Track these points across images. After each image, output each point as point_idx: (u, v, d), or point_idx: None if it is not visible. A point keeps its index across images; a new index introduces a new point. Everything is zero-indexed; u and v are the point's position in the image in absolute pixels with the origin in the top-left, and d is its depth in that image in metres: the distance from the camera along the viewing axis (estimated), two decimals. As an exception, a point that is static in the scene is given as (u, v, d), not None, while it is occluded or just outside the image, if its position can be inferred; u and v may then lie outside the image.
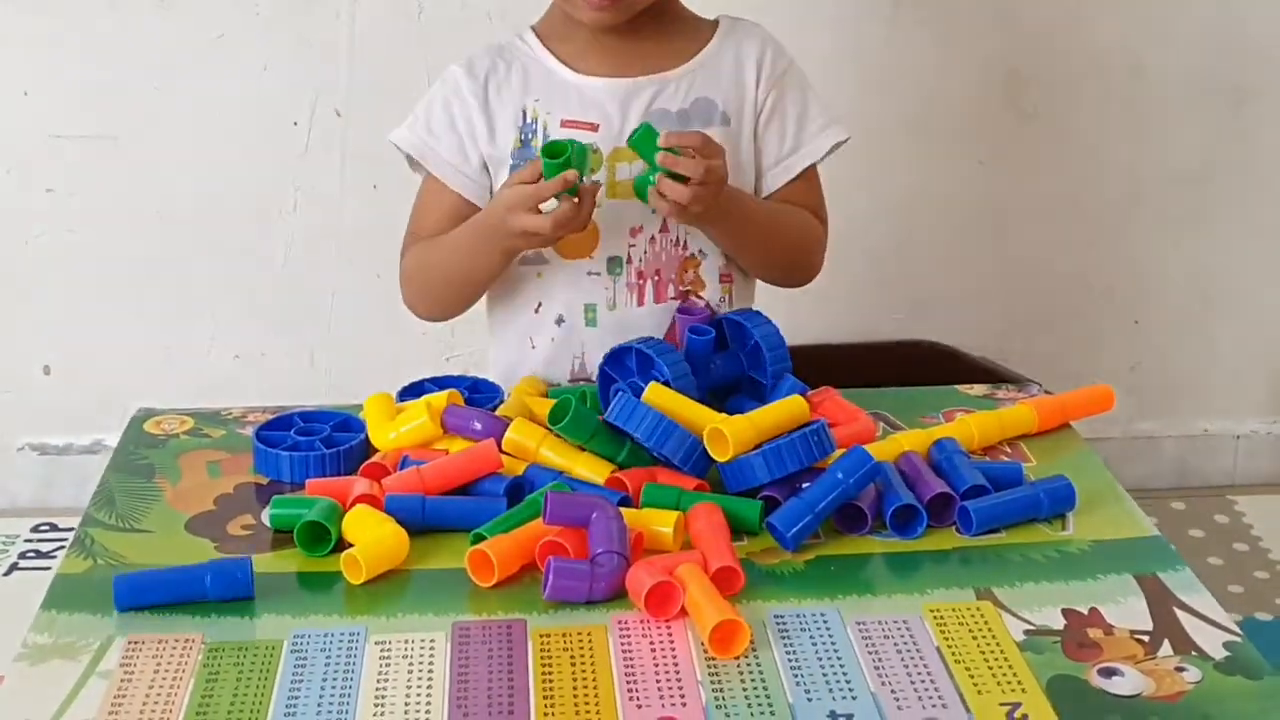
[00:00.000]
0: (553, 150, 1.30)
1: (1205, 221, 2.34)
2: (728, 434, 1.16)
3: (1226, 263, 2.37)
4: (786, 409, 1.21)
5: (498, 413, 1.29)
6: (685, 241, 1.44)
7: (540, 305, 1.45)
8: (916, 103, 2.23)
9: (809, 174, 1.49)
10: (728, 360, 1.33)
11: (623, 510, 1.11)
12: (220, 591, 1.06)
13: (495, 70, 1.44)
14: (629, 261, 1.43)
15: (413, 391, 1.34)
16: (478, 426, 1.24)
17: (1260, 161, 2.32)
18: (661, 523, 1.12)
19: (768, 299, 1.51)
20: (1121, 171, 2.30)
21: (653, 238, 1.43)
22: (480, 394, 1.35)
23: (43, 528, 2.24)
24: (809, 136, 1.47)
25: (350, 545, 1.11)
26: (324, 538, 1.12)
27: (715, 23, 1.49)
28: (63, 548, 2.01)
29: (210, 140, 2.15)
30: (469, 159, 1.44)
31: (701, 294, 1.45)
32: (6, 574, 2.13)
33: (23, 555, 2.17)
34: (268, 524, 1.17)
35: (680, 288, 1.44)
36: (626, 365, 1.29)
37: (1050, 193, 2.30)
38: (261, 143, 2.16)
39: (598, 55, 1.43)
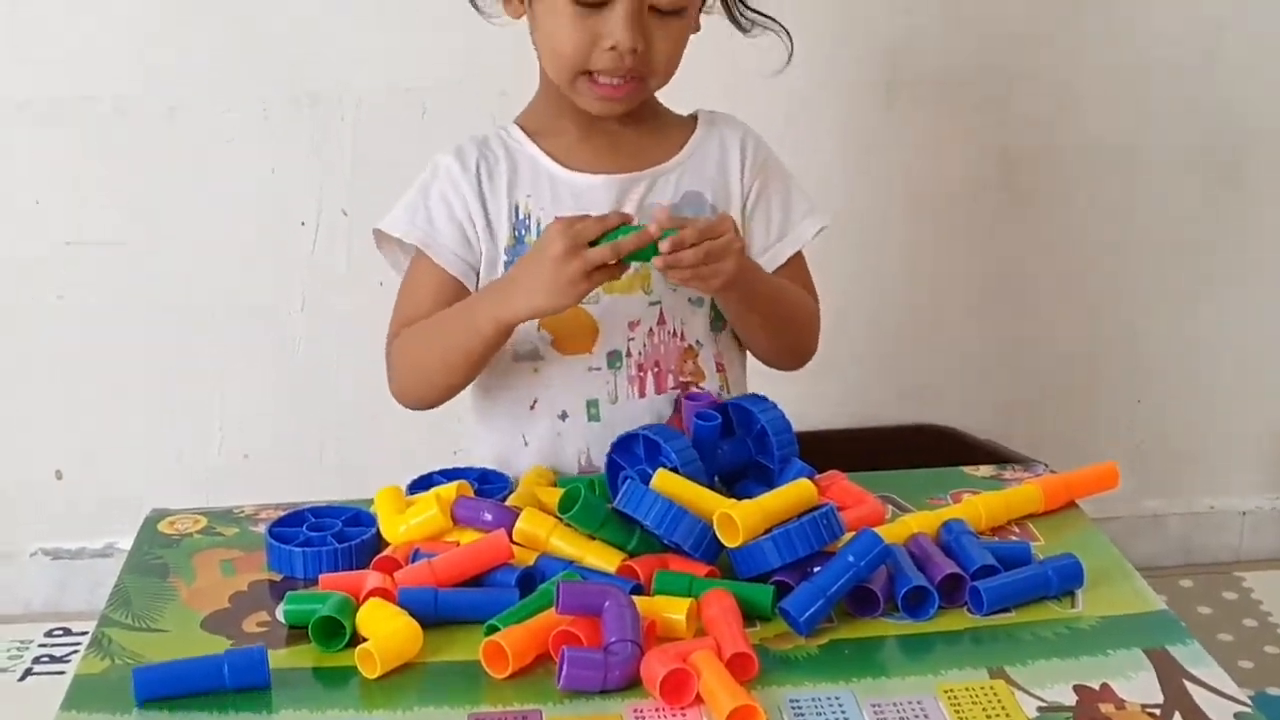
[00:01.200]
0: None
1: (1202, 298, 2.36)
2: (737, 519, 1.17)
3: (1225, 339, 2.39)
4: (795, 493, 1.22)
5: (507, 503, 1.30)
6: (682, 333, 1.45)
7: (536, 401, 1.45)
8: (912, 184, 2.26)
9: (796, 259, 1.51)
10: (735, 446, 1.34)
11: (635, 598, 1.11)
12: (238, 680, 1.07)
13: (484, 160, 1.44)
14: (629, 355, 1.43)
15: (422, 484, 1.35)
16: (488, 517, 1.25)
17: (1253, 237, 2.35)
18: (674, 610, 1.12)
19: (770, 385, 1.52)
20: (1116, 250, 2.33)
21: (651, 330, 1.44)
22: (490, 485, 1.36)
23: (57, 632, 2.24)
24: (794, 223, 1.50)
25: (364, 639, 1.11)
26: (338, 632, 1.13)
27: (694, 117, 1.51)
28: (77, 652, 2.03)
29: (219, 242, 2.18)
30: (472, 248, 1.44)
31: (701, 384, 1.46)
32: (21, 679, 2.13)
33: (37, 660, 2.17)
34: (282, 620, 1.17)
35: (680, 379, 1.45)
36: (634, 452, 1.30)
37: (1047, 272, 2.33)
38: (270, 243, 2.19)
39: (587, 152, 1.44)
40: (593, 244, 1.29)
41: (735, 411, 1.36)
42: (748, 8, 1.49)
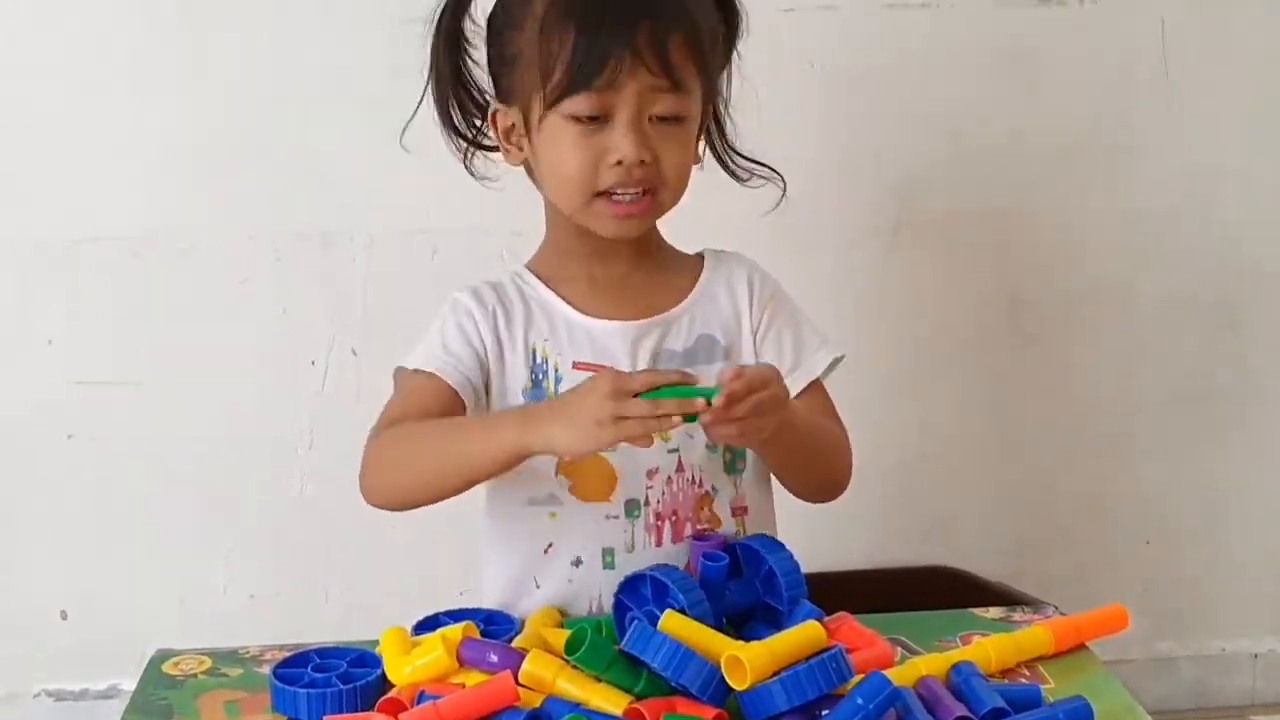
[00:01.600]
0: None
1: (1209, 441, 2.37)
2: (745, 661, 1.16)
3: (1233, 481, 2.38)
4: (803, 635, 1.21)
5: (513, 645, 1.29)
6: (700, 479, 1.45)
7: (550, 546, 1.44)
8: (920, 326, 2.28)
9: (815, 389, 1.51)
10: (743, 587, 1.34)
11: (641, 741, 1.11)
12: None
13: (501, 303, 1.45)
14: (647, 503, 1.43)
15: (428, 625, 1.35)
16: (494, 659, 1.24)
17: (1258, 380, 2.36)
18: (681, 753, 1.12)
19: (780, 526, 1.52)
20: (1122, 392, 2.33)
21: (669, 478, 1.44)
22: (495, 626, 1.36)
23: (55, 775, 2.22)
24: (807, 355, 1.51)
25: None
26: (343, 776, 1.12)
27: (700, 257, 1.53)
28: (75, 794, 1.99)
29: (230, 382, 2.19)
30: (483, 371, 1.43)
31: (718, 530, 1.46)
32: (18, 823, 2.10)
33: (35, 803, 2.15)
34: (287, 762, 1.16)
35: (697, 525, 1.45)
36: (641, 593, 1.29)
37: (1054, 414, 2.33)
38: (280, 383, 2.20)
39: (600, 297, 1.46)
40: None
41: (744, 552, 1.36)
42: (739, 155, 1.51)
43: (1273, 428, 2.38)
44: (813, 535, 1.48)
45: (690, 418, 1.26)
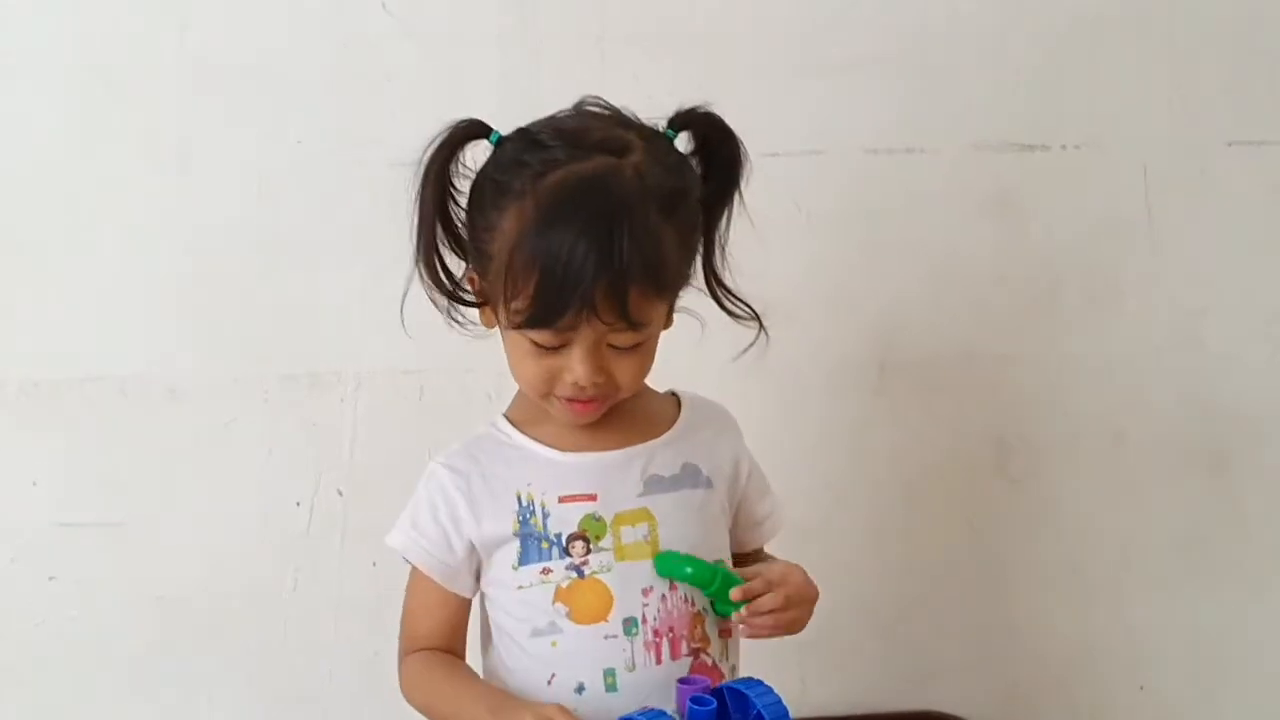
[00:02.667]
0: None
1: (1200, 585, 2.35)
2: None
3: (1227, 626, 2.36)
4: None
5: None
6: (692, 599, 1.46)
7: (554, 676, 1.44)
8: (906, 468, 2.27)
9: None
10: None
11: None
12: None
13: (477, 463, 1.48)
14: (644, 620, 1.44)
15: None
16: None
17: (1247, 525, 2.35)
18: None
19: (770, 669, 1.50)
20: (1111, 536, 2.32)
21: (663, 596, 1.45)
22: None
23: None
24: (777, 511, 1.61)
25: None
26: None
27: (674, 394, 1.57)
28: None
29: (214, 524, 2.17)
30: (454, 550, 1.48)
31: (708, 650, 1.46)
32: None
33: None
34: None
35: (692, 644, 1.45)
36: None
37: (1044, 558, 2.32)
38: (264, 524, 2.18)
39: (575, 436, 1.49)
40: None
41: (731, 696, 1.35)
42: (734, 297, 1.53)
43: (1265, 571, 2.37)
44: (804, 679, 1.46)
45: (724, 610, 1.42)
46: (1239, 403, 2.33)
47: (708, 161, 1.49)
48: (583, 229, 1.33)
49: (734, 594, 1.40)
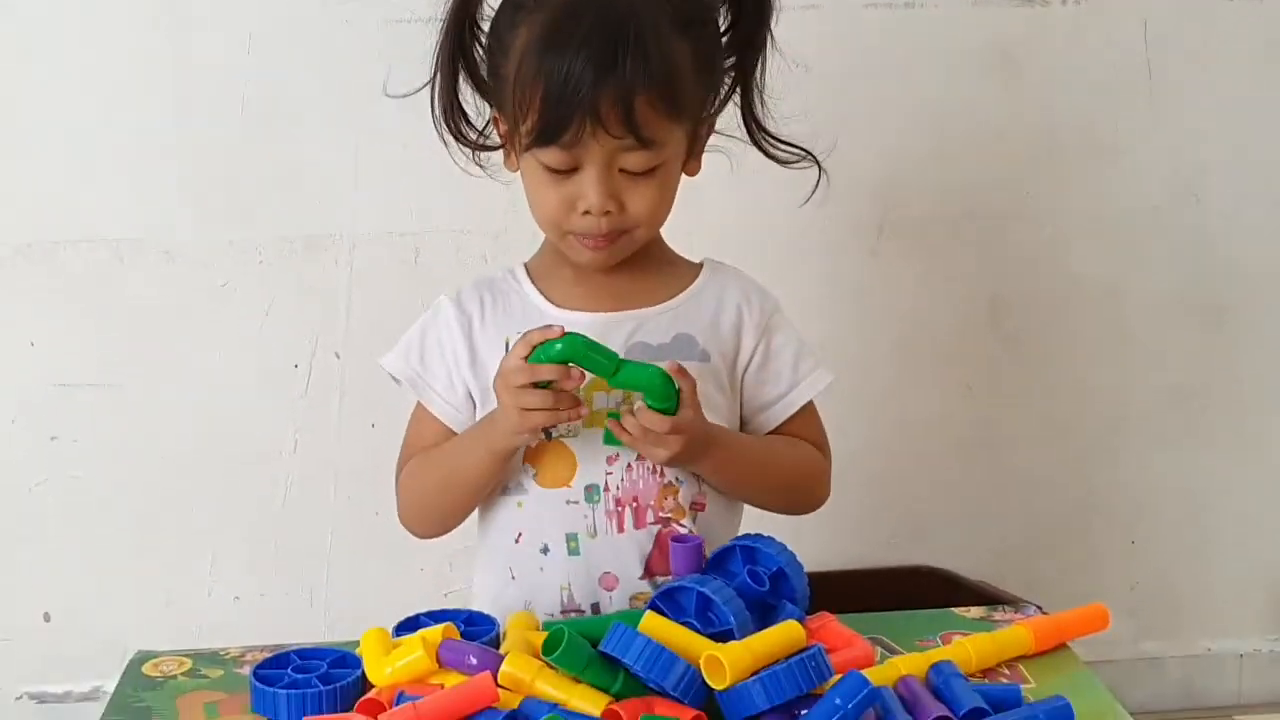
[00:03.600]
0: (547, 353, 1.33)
1: (1196, 439, 2.37)
2: (725, 661, 1.16)
3: (1220, 480, 2.39)
4: (783, 635, 1.21)
5: (497, 649, 1.29)
6: (662, 470, 1.45)
7: (521, 535, 1.46)
8: (902, 329, 2.28)
9: (807, 408, 1.53)
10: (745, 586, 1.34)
11: (620, 742, 1.10)
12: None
13: (482, 304, 1.48)
14: (606, 489, 1.44)
15: (409, 626, 1.34)
16: (473, 661, 1.24)
17: (1245, 378, 2.36)
18: (660, 754, 1.11)
19: (762, 523, 1.52)
20: (1108, 392, 2.34)
21: (629, 465, 1.44)
22: (476, 627, 1.35)
23: (38, 778, 2.21)
24: (804, 374, 1.52)
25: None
26: (321, 777, 1.12)
27: (700, 265, 1.53)
28: (58, 798, 1.99)
29: (212, 386, 2.19)
30: (454, 388, 1.48)
31: (682, 521, 1.46)
32: (1, 827, 2.10)
33: (17, 808, 2.14)
34: (264, 764, 1.16)
35: (660, 514, 1.45)
36: (680, 603, 1.29)
37: (1039, 415, 2.33)
38: (262, 386, 2.20)
39: (581, 292, 1.47)
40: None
41: (742, 554, 1.36)
42: (779, 141, 1.51)
43: (1260, 427, 2.39)
44: (798, 536, 1.47)
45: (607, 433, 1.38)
46: (1237, 259, 2.33)
47: (736, 4, 1.46)
48: (587, 36, 1.31)
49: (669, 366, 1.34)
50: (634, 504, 1.44)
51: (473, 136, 1.48)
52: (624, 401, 1.41)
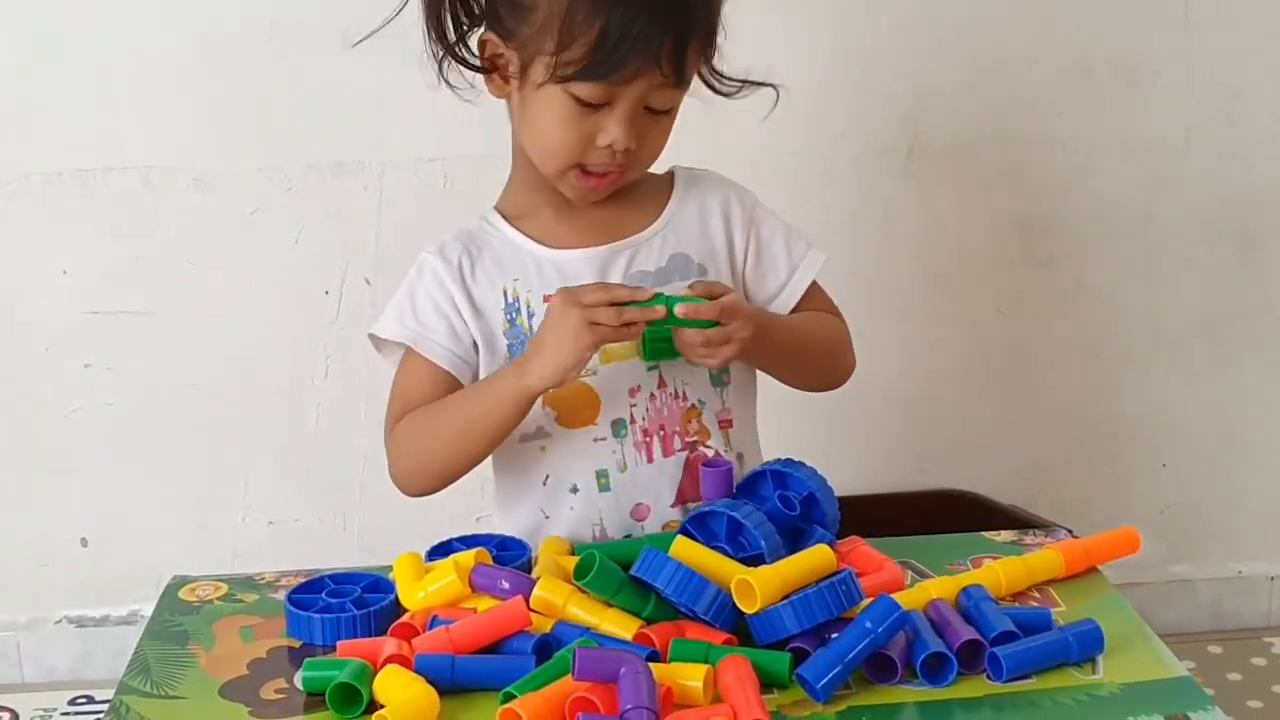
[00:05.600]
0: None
1: (1226, 363, 2.36)
2: (755, 586, 1.17)
3: (1250, 403, 2.38)
4: (813, 559, 1.22)
5: (529, 573, 1.30)
6: (684, 393, 1.45)
7: (548, 478, 1.45)
8: (933, 253, 2.27)
9: (812, 288, 1.53)
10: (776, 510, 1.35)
11: (652, 665, 1.11)
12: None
13: (468, 255, 1.45)
14: (632, 422, 1.44)
15: (441, 551, 1.36)
16: (505, 585, 1.25)
17: (1274, 305, 2.35)
18: (691, 677, 1.12)
19: (791, 447, 1.52)
20: (1138, 316, 2.33)
21: (652, 395, 1.44)
22: (508, 552, 1.36)
23: (80, 700, 2.25)
24: (799, 258, 1.51)
25: (381, 706, 1.11)
26: (356, 699, 1.13)
27: (669, 175, 1.51)
28: (100, 719, 2.02)
29: (244, 311, 2.20)
30: (461, 340, 1.44)
31: (707, 443, 1.46)
32: (43, 748, 2.14)
33: (59, 728, 2.18)
34: (300, 687, 1.17)
35: (686, 439, 1.45)
36: (712, 529, 1.30)
37: (1070, 339, 2.33)
38: (293, 312, 2.21)
39: (565, 229, 1.45)
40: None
41: (773, 478, 1.37)
42: (724, 77, 1.45)
43: (1292, 351, 2.38)
44: (827, 460, 1.47)
45: (664, 346, 1.36)
46: (1269, 183, 2.30)
47: None
48: None
49: (679, 310, 1.33)
50: (661, 432, 1.45)
51: (446, 54, 1.41)
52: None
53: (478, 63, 1.41)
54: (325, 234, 2.19)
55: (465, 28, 1.42)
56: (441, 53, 1.41)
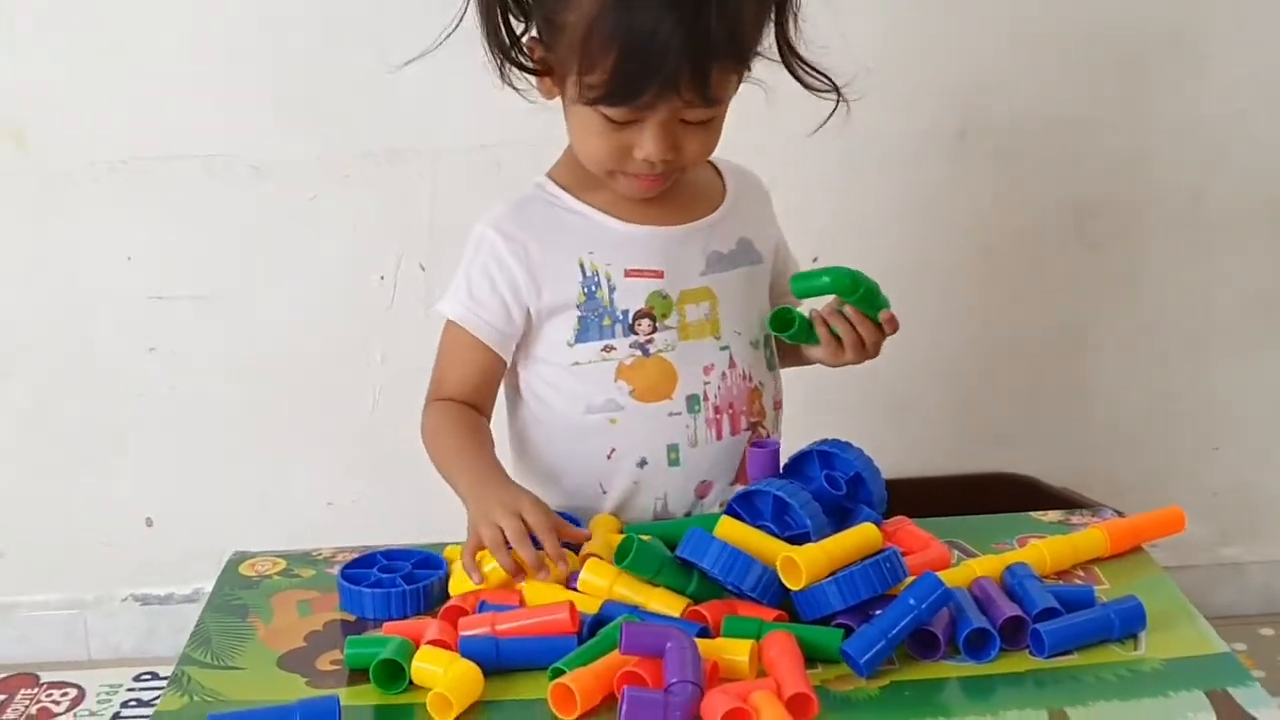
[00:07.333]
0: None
1: (1278, 345, 2.34)
2: (801, 563, 1.19)
3: (1304, 385, 2.37)
4: (859, 537, 1.24)
5: (582, 551, 1.31)
6: (750, 374, 1.48)
7: (614, 451, 1.45)
8: (984, 235, 2.27)
9: None
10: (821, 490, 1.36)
11: (699, 640, 1.13)
12: (310, 729, 1.09)
13: (532, 228, 1.44)
14: (706, 398, 1.45)
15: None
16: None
17: (1331, 284, 2.34)
18: (737, 651, 1.14)
19: (843, 430, 1.53)
20: (1191, 298, 2.32)
21: (724, 374, 1.46)
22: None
23: (145, 677, 2.29)
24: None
25: (418, 687, 1.14)
26: (399, 675, 1.16)
27: (711, 164, 1.52)
28: (163, 694, 2.06)
29: (302, 297, 2.23)
30: (513, 319, 1.45)
31: (764, 423, 1.49)
32: (109, 723, 2.19)
33: (125, 705, 2.22)
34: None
35: (750, 419, 1.48)
36: (758, 507, 1.32)
37: (1121, 321, 2.32)
38: (350, 298, 2.24)
39: (633, 205, 1.44)
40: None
41: (820, 458, 1.39)
42: (808, 67, 1.45)
43: (1348, 333, 2.36)
44: (879, 443, 1.49)
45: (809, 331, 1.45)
46: (1324, 164, 2.29)
47: None
48: (671, 3, 1.26)
49: (884, 316, 1.43)
50: (730, 410, 1.47)
51: (507, 46, 1.40)
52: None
53: (530, 65, 1.40)
54: (380, 220, 2.22)
55: (520, 30, 1.41)
56: (499, 56, 1.40)
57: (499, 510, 1.29)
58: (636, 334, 1.43)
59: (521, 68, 1.40)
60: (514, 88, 1.42)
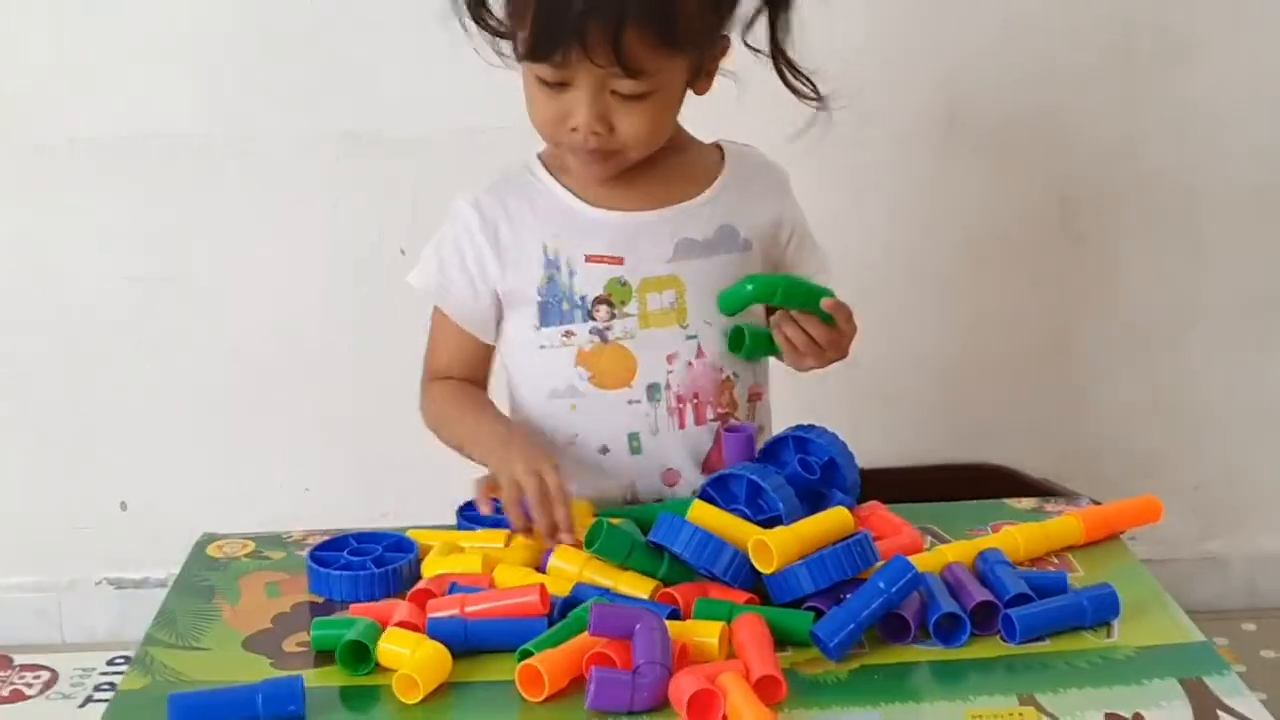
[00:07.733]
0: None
1: (1265, 343, 2.34)
2: (772, 546, 1.18)
3: (1287, 380, 2.36)
4: (830, 521, 1.23)
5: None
6: (721, 365, 1.46)
7: (576, 437, 1.45)
8: (969, 228, 2.26)
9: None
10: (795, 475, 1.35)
11: (669, 623, 1.12)
12: (271, 711, 1.08)
13: (505, 207, 1.45)
14: (667, 387, 1.44)
15: (471, 510, 1.37)
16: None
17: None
18: (706, 634, 1.13)
19: (821, 418, 1.52)
20: (1177, 292, 2.31)
21: (689, 363, 1.44)
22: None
23: (118, 661, 2.28)
24: (822, 255, 1.55)
25: (385, 668, 1.13)
26: (365, 657, 1.15)
27: (717, 148, 1.51)
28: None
29: (280, 280, 2.22)
30: (480, 297, 1.46)
31: (736, 415, 1.47)
32: (82, 706, 2.17)
33: (98, 688, 2.21)
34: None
35: (718, 410, 1.46)
36: (732, 491, 1.31)
37: (1107, 315, 2.31)
38: (329, 280, 2.23)
39: (609, 189, 1.44)
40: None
41: (795, 443, 1.38)
42: (796, 71, 1.45)
43: (1334, 330, 2.36)
44: (859, 433, 1.48)
45: (764, 343, 1.43)
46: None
47: None
48: None
49: (825, 306, 1.38)
50: (695, 400, 1.45)
51: (492, 23, 1.40)
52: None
53: (492, 25, 1.40)
54: (363, 204, 2.21)
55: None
56: (469, 13, 1.40)
57: (521, 467, 1.30)
58: (595, 319, 1.43)
59: (486, 27, 1.40)
60: (501, 56, 1.41)
